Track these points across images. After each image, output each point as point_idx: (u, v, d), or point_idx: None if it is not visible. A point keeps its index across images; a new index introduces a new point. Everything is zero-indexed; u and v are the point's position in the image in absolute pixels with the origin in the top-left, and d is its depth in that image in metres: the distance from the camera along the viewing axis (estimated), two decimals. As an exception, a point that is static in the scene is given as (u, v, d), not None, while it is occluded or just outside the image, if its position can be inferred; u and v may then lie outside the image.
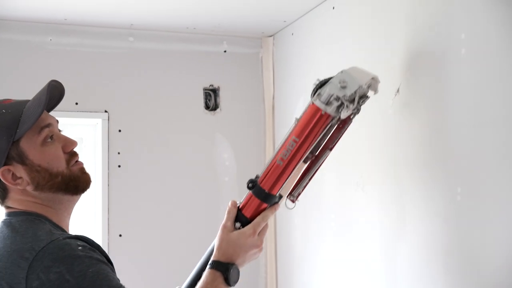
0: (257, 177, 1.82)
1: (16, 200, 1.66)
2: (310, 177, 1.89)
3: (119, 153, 2.70)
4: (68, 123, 2.67)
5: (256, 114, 2.92)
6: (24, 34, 2.61)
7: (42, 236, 1.51)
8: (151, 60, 2.79)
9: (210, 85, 2.72)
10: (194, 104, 2.66)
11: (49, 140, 1.68)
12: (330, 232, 2.44)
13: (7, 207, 1.68)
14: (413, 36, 1.95)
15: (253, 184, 1.80)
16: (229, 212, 1.82)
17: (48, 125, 1.68)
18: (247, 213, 1.77)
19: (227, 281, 1.70)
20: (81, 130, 2.78)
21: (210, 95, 2.76)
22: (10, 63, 2.59)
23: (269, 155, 2.88)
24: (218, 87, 2.81)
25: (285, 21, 2.71)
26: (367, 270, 2.18)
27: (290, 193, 1.87)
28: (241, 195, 2.78)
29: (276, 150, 1.82)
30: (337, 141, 1.88)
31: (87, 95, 2.66)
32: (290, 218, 2.76)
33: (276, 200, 1.81)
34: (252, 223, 1.77)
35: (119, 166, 2.69)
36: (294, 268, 2.73)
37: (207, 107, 2.80)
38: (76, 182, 1.69)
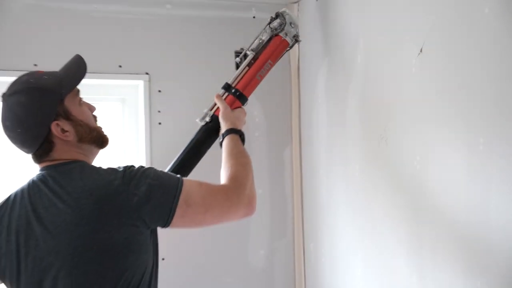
0: (228, 86, 2.23)
1: (64, 151, 1.72)
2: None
3: (159, 111, 2.61)
4: (112, 84, 2.63)
5: (283, 75, 2.80)
6: (70, 3, 2.50)
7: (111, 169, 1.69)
8: (186, 26, 2.67)
9: (241, 48, 2.56)
10: (227, 66, 2.53)
11: (82, 101, 1.81)
12: (354, 181, 2.30)
13: (51, 160, 1.71)
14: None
15: (235, 91, 2.21)
16: (222, 101, 2.18)
17: (79, 90, 1.80)
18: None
19: (243, 139, 2.09)
20: (124, 90, 2.69)
21: (240, 57, 2.60)
22: (59, 29, 2.49)
23: (295, 112, 2.78)
24: (246, 51, 2.65)
25: (310, -12, 2.54)
26: (388, 215, 2.05)
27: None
28: (269, 148, 2.69)
29: (244, 67, 2.26)
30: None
31: (129, 59, 2.57)
32: (316, 168, 2.64)
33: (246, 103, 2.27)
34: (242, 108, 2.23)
35: (159, 123, 2.60)
36: (319, 214, 2.62)
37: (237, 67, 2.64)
38: (103, 138, 1.83)
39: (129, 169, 1.68)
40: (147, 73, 2.58)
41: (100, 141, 1.81)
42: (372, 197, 2.20)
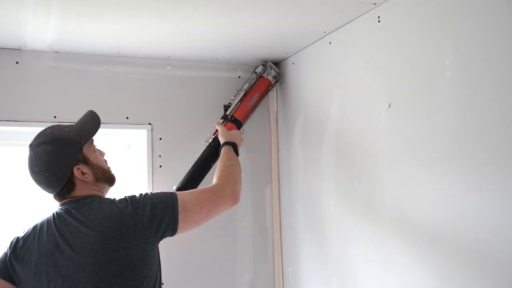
0: (225, 116, 2.62)
1: (83, 190, 1.90)
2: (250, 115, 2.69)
3: (160, 156, 2.71)
4: (120, 133, 2.70)
5: (263, 124, 2.96)
6: (85, 65, 2.60)
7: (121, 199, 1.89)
8: (183, 84, 2.80)
9: (229, 103, 2.76)
10: (217, 117, 2.68)
11: (95, 148, 1.99)
12: (329, 214, 2.43)
13: (71, 198, 1.89)
14: (402, 65, 1.94)
15: (231, 118, 2.60)
16: (220, 125, 2.52)
17: (93, 140, 1.99)
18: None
19: (236, 151, 2.35)
20: (129, 138, 2.79)
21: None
22: (75, 86, 2.59)
23: (274, 157, 2.94)
24: (234, 104, 2.85)
25: (287, 53, 2.73)
26: (362, 243, 2.17)
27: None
28: (252, 186, 2.88)
29: (237, 102, 2.66)
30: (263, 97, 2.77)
31: (135, 111, 2.67)
32: (293, 203, 2.77)
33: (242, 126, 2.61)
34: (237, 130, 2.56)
35: (160, 166, 2.70)
36: (297, 242, 2.74)
37: (226, 119, 2.84)
38: (113, 177, 2.02)
39: (133, 197, 1.88)
40: (149, 123, 2.68)
41: (111, 180, 2.00)
42: (345, 227, 2.29)
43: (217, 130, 2.50)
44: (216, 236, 2.80)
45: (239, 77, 2.90)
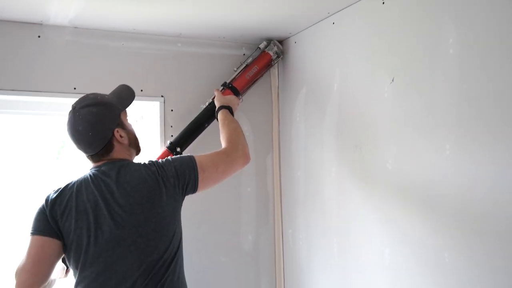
0: (225, 83, 2.68)
1: (119, 152, 1.97)
2: (250, 86, 2.76)
3: (171, 126, 2.75)
4: (135, 104, 2.73)
5: (266, 99, 3.02)
6: (103, 40, 2.62)
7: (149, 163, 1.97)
8: (193, 59, 2.83)
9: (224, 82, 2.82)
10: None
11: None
12: (330, 180, 2.49)
13: (109, 159, 1.95)
14: (405, 43, 2.00)
15: (229, 85, 2.66)
16: (217, 91, 2.55)
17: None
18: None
19: (232, 113, 2.39)
20: (143, 109, 2.83)
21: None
22: (94, 60, 2.61)
23: (275, 127, 3.01)
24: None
25: (290, 33, 2.78)
26: (363, 204, 2.23)
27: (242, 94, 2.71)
28: (255, 155, 2.94)
29: (238, 73, 2.72)
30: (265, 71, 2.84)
31: (149, 84, 2.70)
32: (293, 170, 2.83)
33: (239, 95, 2.66)
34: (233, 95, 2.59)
35: (171, 135, 2.72)
36: (296, 207, 2.81)
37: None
38: (140, 146, 2.10)
39: (157, 162, 1.97)
40: (162, 96, 2.72)
41: (139, 147, 2.08)
42: (346, 192, 2.37)
43: (214, 96, 2.56)
44: (222, 200, 2.86)
45: (244, 54, 2.94)
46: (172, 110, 2.77)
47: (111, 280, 1.82)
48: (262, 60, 2.76)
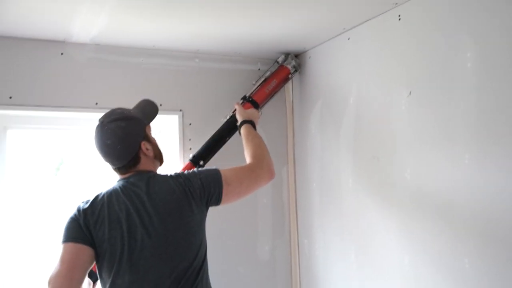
0: (244, 97, 2.71)
1: (145, 165, 2.01)
2: (269, 100, 2.78)
3: (190, 139, 2.79)
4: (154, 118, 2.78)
5: (280, 113, 3.06)
6: (124, 56, 2.67)
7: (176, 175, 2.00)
8: (210, 74, 2.88)
9: (244, 96, 2.86)
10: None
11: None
12: (347, 190, 2.52)
13: (135, 171, 1.99)
14: (422, 58, 2.04)
15: (249, 98, 2.69)
16: (238, 104, 2.54)
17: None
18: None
19: (254, 127, 2.39)
20: (162, 123, 2.85)
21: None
22: (115, 76, 2.66)
23: (290, 140, 3.05)
24: (254, 94, 2.94)
25: (304, 48, 2.84)
26: (380, 214, 2.26)
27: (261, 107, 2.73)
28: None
29: (257, 86, 2.75)
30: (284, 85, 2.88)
31: (168, 99, 2.74)
32: (309, 182, 2.86)
33: (259, 108, 2.68)
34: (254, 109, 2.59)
35: (190, 148, 2.78)
36: (312, 217, 2.84)
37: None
38: (163, 158, 2.12)
39: (183, 174, 2.00)
40: (180, 110, 2.77)
41: (162, 159, 2.11)
42: (363, 201, 2.40)
43: (235, 109, 2.58)
44: (239, 212, 2.90)
45: (259, 69, 3.00)
46: (190, 124, 2.82)
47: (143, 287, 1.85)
48: (280, 74, 2.80)
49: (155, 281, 1.85)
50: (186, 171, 2.04)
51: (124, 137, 1.94)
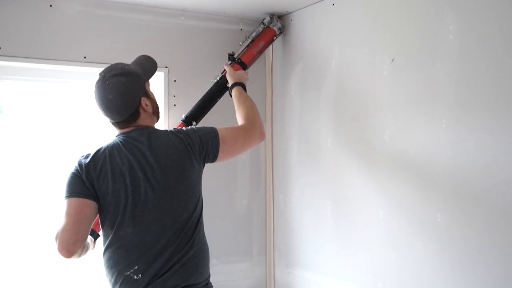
0: (233, 58, 2.80)
1: (144, 120, 2.07)
2: (254, 61, 2.86)
3: (174, 96, 2.87)
4: None
5: (260, 72, 3.15)
6: (112, 11, 2.69)
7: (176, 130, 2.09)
8: (195, 33, 2.93)
9: (232, 52, 2.94)
10: (222, 63, 2.84)
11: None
12: (326, 149, 2.66)
13: (135, 125, 2.05)
14: (406, 27, 2.16)
15: (238, 60, 2.76)
16: (228, 66, 2.65)
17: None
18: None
19: (245, 89, 2.50)
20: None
21: (232, 57, 2.99)
22: (103, 30, 2.68)
23: (268, 99, 3.16)
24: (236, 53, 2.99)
25: (287, 11, 2.93)
26: (359, 172, 2.43)
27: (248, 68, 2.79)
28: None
29: (244, 47, 2.82)
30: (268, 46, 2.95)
31: (154, 56, 2.58)
32: (287, 139, 2.99)
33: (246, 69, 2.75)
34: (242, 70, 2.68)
35: (174, 105, 2.86)
36: (289, 173, 2.98)
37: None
38: (159, 114, 2.19)
39: (183, 130, 2.08)
40: (166, 67, 2.82)
41: (159, 115, 2.18)
42: (342, 159, 2.54)
43: (225, 70, 2.69)
44: (220, 166, 2.96)
45: (241, 29, 3.07)
46: (175, 81, 2.89)
47: (146, 238, 1.94)
48: (267, 35, 2.88)
49: (157, 231, 1.95)
50: (184, 128, 2.13)
51: (125, 92, 1.99)
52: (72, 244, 1.85)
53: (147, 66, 2.18)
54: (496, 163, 1.84)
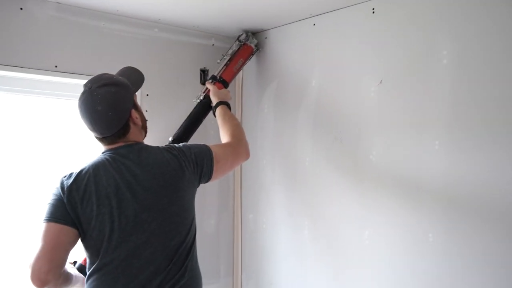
0: (214, 76, 2.72)
1: (134, 134, 1.96)
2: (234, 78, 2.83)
3: (146, 111, 2.71)
4: None
5: (229, 88, 3.05)
6: (86, 19, 2.56)
7: (169, 147, 1.99)
8: (168, 46, 2.86)
9: (204, 67, 2.92)
10: (194, 78, 2.87)
11: None
12: (303, 168, 2.65)
13: (125, 141, 1.93)
14: (396, 50, 2.18)
15: (219, 78, 2.70)
16: (211, 85, 2.62)
17: None
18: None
19: (229, 107, 2.47)
20: None
21: (203, 73, 2.96)
22: (75, 38, 2.54)
23: (237, 115, 3.13)
24: (208, 68, 2.98)
25: (262, 28, 2.92)
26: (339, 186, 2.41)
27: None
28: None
29: (223, 65, 2.77)
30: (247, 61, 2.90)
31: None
32: (258, 158, 2.97)
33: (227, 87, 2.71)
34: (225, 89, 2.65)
35: (146, 120, 2.75)
36: (259, 193, 2.96)
37: (201, 80, 2.97)
38: (147, 129, 2.07)
39: (177, 147, 1.98)
40: (139, 80, 2.76)
41: (146, 130, 2.07)
42: (322, 180, 2.53)
43: (207, 89, 2.62)
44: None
45: (213, 45, 3.04)
46: (147, 95, 2.79)
47: (133, 265, 1.81)
48: (245, 53, 2.86)
49: (146, 258, 1.81)
50: (177, 145, 2.03)
51: (115, 103, 1.86)
52: (44, 272, 1.69)
53: (134, 78, 2.07)
54: (489, 183, 1.89)
